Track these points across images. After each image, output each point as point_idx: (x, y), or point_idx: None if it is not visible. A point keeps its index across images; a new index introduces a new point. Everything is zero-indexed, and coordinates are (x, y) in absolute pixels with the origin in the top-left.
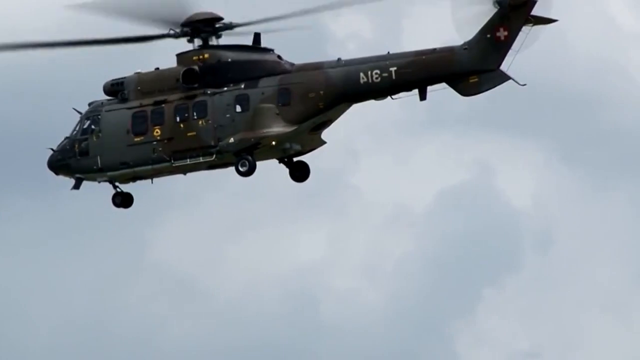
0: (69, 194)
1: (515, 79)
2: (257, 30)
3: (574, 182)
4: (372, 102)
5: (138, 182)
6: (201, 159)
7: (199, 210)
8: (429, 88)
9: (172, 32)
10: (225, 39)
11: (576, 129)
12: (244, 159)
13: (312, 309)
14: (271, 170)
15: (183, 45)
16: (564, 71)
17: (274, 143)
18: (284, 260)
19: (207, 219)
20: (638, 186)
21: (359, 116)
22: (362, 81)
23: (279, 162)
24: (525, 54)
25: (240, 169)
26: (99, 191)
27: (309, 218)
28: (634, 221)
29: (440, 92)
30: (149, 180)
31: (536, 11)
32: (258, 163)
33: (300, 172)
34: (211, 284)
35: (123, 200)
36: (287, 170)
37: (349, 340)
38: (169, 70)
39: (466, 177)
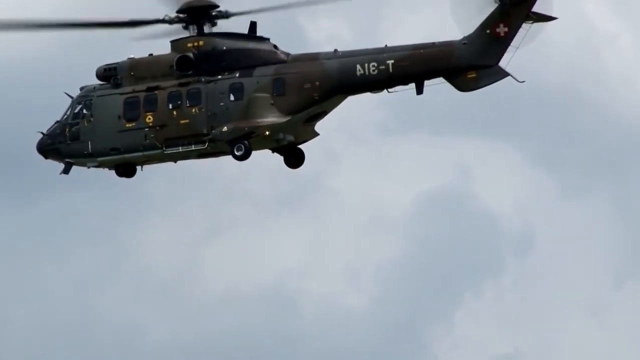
0: (55, 180)
1: (514, 75)
2: (253, 19)
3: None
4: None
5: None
6: (193, 147)
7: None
8: (426, 82)
9: (167, 17)
10: (221, 27)
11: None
12: (240, 143)
13: (289, 314)
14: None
15: (178, 31)
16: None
17: (267, 133)
18: (258, 265)
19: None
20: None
21: (332, 116)
22: (358, 73)
23: (273, 152)
24: (525, 51)
25: (237, 152)
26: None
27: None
28: (612, 224)
29: (435, 87)
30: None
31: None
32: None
33: (294, 158)
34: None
35: (126, 170)
36: (281, 158)
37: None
38: (163, 56)
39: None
